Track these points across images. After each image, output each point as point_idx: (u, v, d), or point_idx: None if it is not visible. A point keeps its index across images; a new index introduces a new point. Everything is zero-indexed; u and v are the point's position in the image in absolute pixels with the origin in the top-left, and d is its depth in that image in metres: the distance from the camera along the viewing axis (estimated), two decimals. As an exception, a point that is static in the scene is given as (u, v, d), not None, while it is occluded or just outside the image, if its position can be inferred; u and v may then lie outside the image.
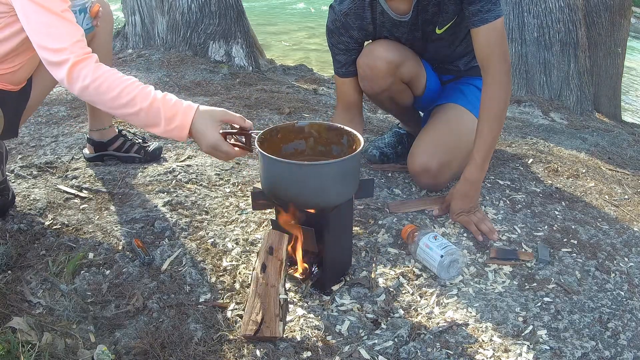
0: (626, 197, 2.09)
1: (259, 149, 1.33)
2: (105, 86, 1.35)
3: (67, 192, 1.86)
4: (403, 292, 1.45)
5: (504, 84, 1.66)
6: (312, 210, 1.38)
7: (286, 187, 1.32)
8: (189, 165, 2.08)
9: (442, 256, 1.47)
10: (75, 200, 1.82)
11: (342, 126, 1.48)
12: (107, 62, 1.97)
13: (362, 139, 1.39)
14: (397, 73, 1.88)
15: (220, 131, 1.43)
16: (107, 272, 1.46)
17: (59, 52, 1.35)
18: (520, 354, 1.22)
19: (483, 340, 1.27)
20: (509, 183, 2.04)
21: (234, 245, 1.60)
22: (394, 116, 2.38)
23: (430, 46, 1.92)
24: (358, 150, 1.35)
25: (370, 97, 2.01)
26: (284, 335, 1.25)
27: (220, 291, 1.42)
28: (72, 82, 1.35)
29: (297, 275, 1.42)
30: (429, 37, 1.86)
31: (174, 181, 1.95)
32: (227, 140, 1.46)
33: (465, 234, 1.69)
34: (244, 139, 1.44)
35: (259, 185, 1.44)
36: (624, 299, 1.44)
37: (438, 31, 1.81)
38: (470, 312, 1.36)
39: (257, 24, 6.40)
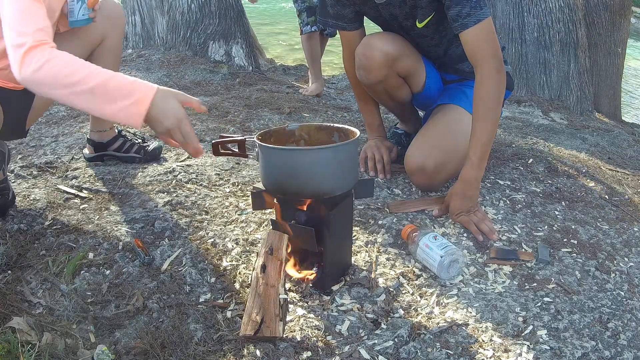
0: (626, 197, 2.09)
1: (259, 142, 1.35)
2: (60, 64, 1.31)
3: (67, 192, 1.86)
4: (403, 292, 1.45)
5: (494, 81, 1.65)
6: (307, 203, 1.38)
7: (289, 176, 1.33)
8: (189, 165, 2.08)
9: (442, 256, 1.46)
10: (75, 200, 1.82)
11: (331, 124, 1.50)
12: (114, 68, 1.96)
13: (356, 130, 1.42)
14: (393, 66, 1.89)
15: (213, 141, 1.43)
16: (107, 272, 1.46)
17: (21, 35, 1.33)
18: (520, 354, 1.22)
19: (483, 340, 1.27)
20: (509, 183, 2.04)
21: (234, 245, 1.60)
22: (392, 112, 2.39)
23: (415, 41, 1.93)
24: (355, 137, 1.38)
25: (366, 88, 2.03)
26: (284, 335, 1.25)
27: (220, 291, 1.42)
28: (24, 66, 1.31)
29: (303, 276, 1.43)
30: (411, 30, 1.86)
31: (174, 181, 1.95)
32: (221, 148, 1.47)
33: (465, 234, 1.69)
34: (237, 146, 1.45)
35: (259, 185, 1.44)
36: (624, 299, 1.44)
37: (419, 25, 1.82)
38: (470, 312, 1.36)
39: (256, 24, 6.40)
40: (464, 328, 1.31)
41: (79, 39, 1.82)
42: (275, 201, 1.42)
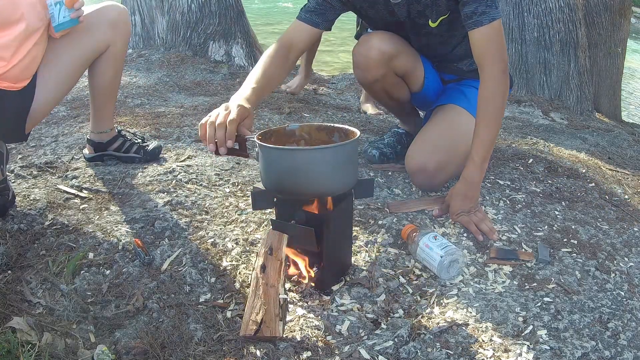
0: (626, 197, 2.09)
1: (259, 142, 1.35)
2: None
3: (67, 192, 1.86)
4: (403, 292, 1.45)
5: (500, 83, 1.65)
6: (314, 208, 1.38)
7: (289, 176, 1.33)
8: (189, 165, 2.08)
9: (442, 256, 1.46)
10: (75, 200, 1.82)
11: (331, 124, 1.50)
12: (117, 74, 1.95)
13: (356, 130, 1.42)
14: (390, 64, 1.89)
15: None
16: (107, 272, 1.46)
17: None
18: (520, 354, 1.22)
19: (483, 340, 1.27)
20: (509, 183, 2.04)
21: (234, 245, 1.60)
22: (392, 112, 2.39)
23: (424, 40, 1.92)
24: (355, 137, 1.38)
25: (364, 88, 2.03)
26: (284, 335, 1.25)
27: (220, 291, 1.42)
28: None
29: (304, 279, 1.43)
30: (422, 29, 1.86)
31: (174, 181, 1.95)
32: None
33: (465, 234, 1.69)
34: (238, 145, 1.45)
35: (259, 185, 1.44)
36: (624, 299, 1.44)
37: (432, 24, 1.81)
38: (470, 312, 1.36)
39: (256, 24, 6.40)
40: (464, 328, 1.31)
41: (78, 47, 1.80)
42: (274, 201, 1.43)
